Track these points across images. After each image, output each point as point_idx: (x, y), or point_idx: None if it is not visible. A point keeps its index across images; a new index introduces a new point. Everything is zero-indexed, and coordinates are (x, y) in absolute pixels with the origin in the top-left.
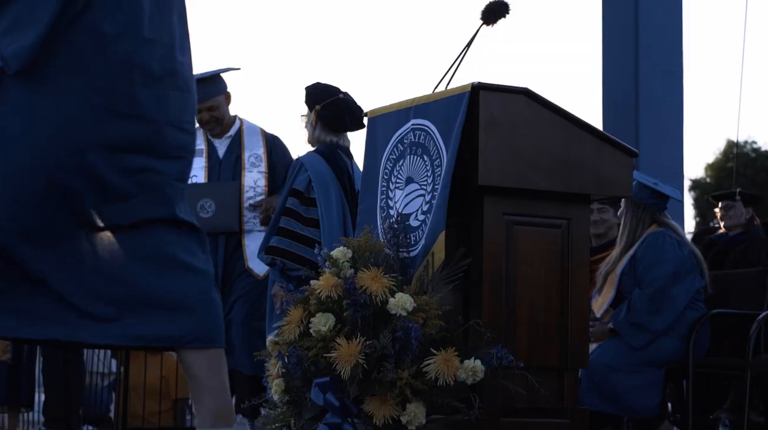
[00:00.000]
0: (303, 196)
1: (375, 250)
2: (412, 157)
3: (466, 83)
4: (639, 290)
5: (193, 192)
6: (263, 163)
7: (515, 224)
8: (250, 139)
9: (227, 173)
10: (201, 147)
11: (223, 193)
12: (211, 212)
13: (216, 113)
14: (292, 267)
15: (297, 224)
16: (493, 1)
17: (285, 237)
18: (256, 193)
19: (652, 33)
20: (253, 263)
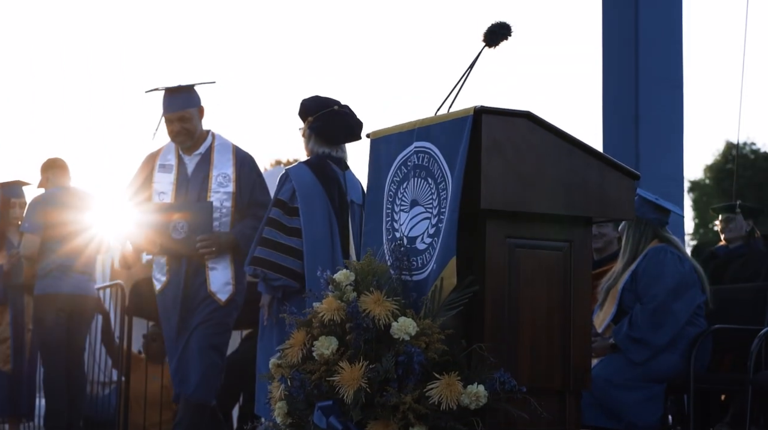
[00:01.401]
0: (286, 206)
1: (378, 273)
2: (416, 180)
3: (468, 107)
4: (640, 306)
5: (166, 211)
6: (231, 184)
7: (517, 246)
8: (220, 158)
9: (194, 192)
10: (171, 163)
11: (197, 214)
12: (184, 233)
13: (187, 125)
14: (272, 277)
15: (278, 233)
16: (495, 23)
17: (266, 247)
18: (222, 214)
19: (651, 42)
20: (216, 287)
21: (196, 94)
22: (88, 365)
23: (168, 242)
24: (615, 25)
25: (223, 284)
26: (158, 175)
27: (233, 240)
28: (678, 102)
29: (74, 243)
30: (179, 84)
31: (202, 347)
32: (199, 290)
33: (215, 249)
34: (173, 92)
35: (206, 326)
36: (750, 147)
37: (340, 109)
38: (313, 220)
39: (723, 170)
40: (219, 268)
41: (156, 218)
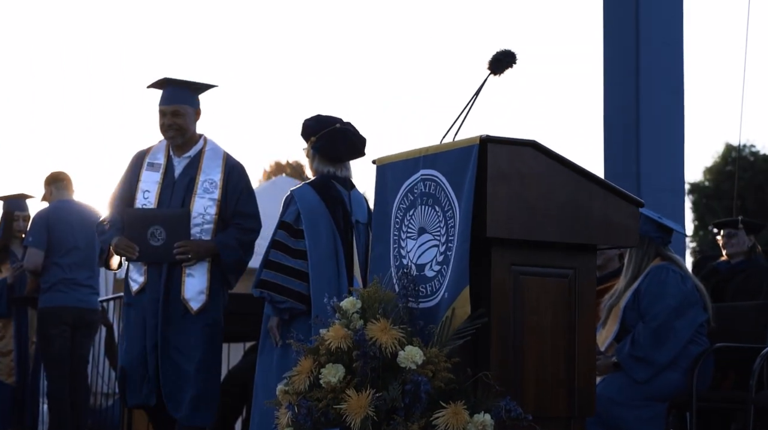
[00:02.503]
0: (291, 228)
1: (384, 300)
2: (423, 208)
3: (474, 136)
4: (642, 324)
5: (144, 218)
6: (217, 190)
7: (523, 274)
8: (209, 163)
9: (179, 195)
10: (160, 162)
11: (174, 221)
12: (162, 240)
13: (180, 121)
14: (279, 299)
15: (284, 256)
16: (500, 51)
17: (272, 270)
18: (204, 220)
19: (652, 48)
20: (189, 295)
21: (196, 96)
22: (91, 376)
23: (146, 248)
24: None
25: (197, 292)
26: (145, 173)
27: (212, 248)
28: (679, 111)
29: (78, 257)
30: (179, 78)
31: (198, 368)
32: (177, 297)
33: (191, 256)
34: (172, 85)
35: (195, 345)
36: (750, 149)
37: (342, 127)
38: (318, 242)
39: (722, 172)
40: (196, 275)
41: (134, 224)
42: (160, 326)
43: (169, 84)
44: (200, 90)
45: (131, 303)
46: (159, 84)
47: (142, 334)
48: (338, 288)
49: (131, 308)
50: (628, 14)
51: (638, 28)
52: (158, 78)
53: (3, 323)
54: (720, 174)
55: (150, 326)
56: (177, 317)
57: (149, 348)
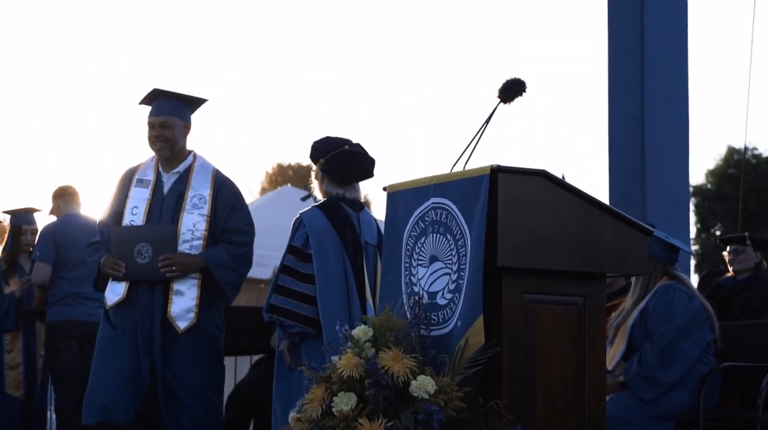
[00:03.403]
0: (300, 252)
1: (396, 328)
2: (434, 236)
3: (485, 165)
4: (650, 344)
5: (131, 235)
6: (207, 206)
7: (533, 302)
8: (198, 178)
9: (168, 212)
10: (149, 178)
11: (161, 237)
12: (148, 258)
13: (167, 133)
14: (288, 324)
15: (293, 280)
16: (510, 79)
17: (281, 295)
18: (194, 236)
19: (657, 64)
20: (176, 313)
21: (186, 109)
22: None
23: (133, 266)
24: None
25: (185, 311)
26: (134, 190)
27: (200, 262)
28: (684, 125)
29: (85, 270)
30: (168, 90)
31: (194, 393)
32: (162, 315)
33: (176, 268)
34: (162, 96)
35: (188, 367)
36: (752, 152)
37: (351, 149)
38: (327, 265)
39: (725, 175)
40: (185, 293)
41: (121, 242)
42: (152, 347)
43: (158, 96)
44: (190, 104)
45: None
46: (149, 97)
47: (130, 352)
48: (348, 311)
49: (108, 324)
50: (632, 30)
51: (643, 44)
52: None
53: (11, 336)
54: (722, 177)
55: (142, 346)
56: (167, 337)
57: (144, 368)
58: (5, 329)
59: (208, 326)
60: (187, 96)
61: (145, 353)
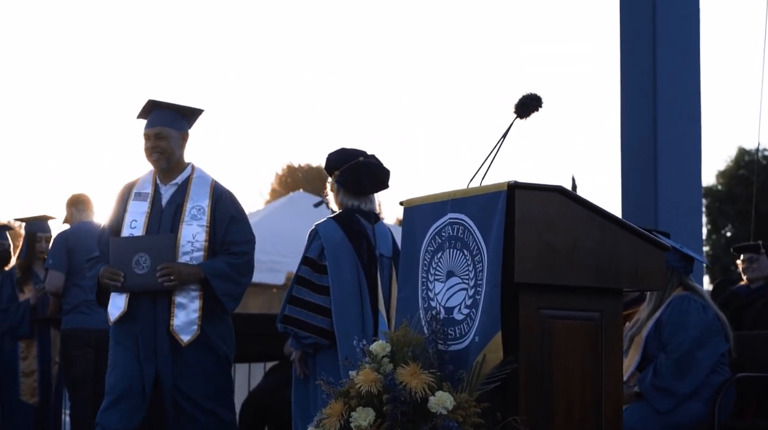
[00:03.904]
0: (315, 263)
1: (414, 344)
2: (451, 251)
3: (502, 181)
4: (664, 355)
5: (129, 246)
6: (206, 217)
7: (550, 317)
8: (196, 190)
9: (166, 224)
10: (147, 191)
11: (159, 247)
12: (146, 268)
13: (163, 143)
14: (303, 335)
15: (307, 291)
16: (526, 95)
17: (296, 306)
18: (194, 247)
19: (669, 71)
20: (179, 326)
21: (182, 120)
22: None
23: (131, 277)
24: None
25: (187, 324)
26: (132, 204)
27: (198, 272)
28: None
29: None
30: (163, 101)
31: (202, 410)
32: (164, 328)
33: (174, 278)
34: (157, 107)
35: (194, 381)
36: (763, 153)
37: (366, 160)
38: (341, 277)
39: (735, 176)
40: (187, 305)
41: (119, 253)
42: (157, 358)
43: (154, 108)
44: (187, 115)
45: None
46: (145, 110)
47: (135, 365)
48: (362, 323)
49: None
50: (644, 34)
51: (655, 48)
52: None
53: (26, 343)
54: (732, 178)
55: (144, 358)
56: (171, 350)
57: (147, 380)
58: (20, 336)
59: (212, 337)
60: (182, 106)
61: (148, 365)
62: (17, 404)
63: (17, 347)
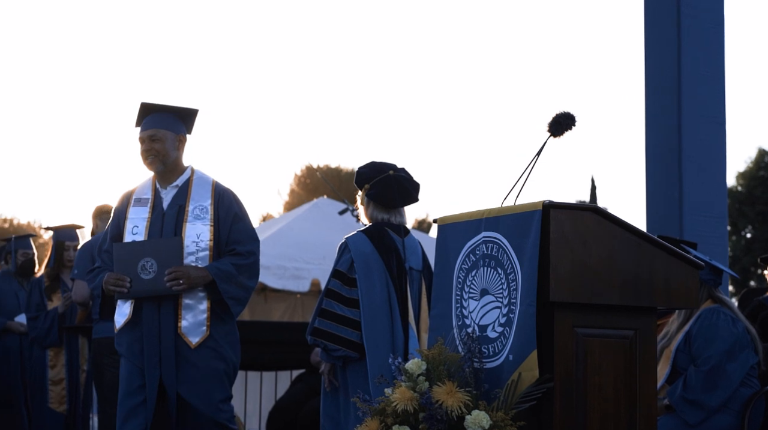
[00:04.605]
0: (345, 276)
1: (449, 362)
2: (485, 269)
3: (536, 201)
4: (694, 368)
5: (134, 251)
6: (209, 216)
7: (585, 336)
8: (197, 190)
9: (169, 226)
10: (147, 196)
11: (165, 251)
12: (153, 273)
13: (157, 146)
14: (332, 347)
15: (337, 304)
16: (560, 113)
17: (325, 318)
18: (198, 247)
19: (694, 78)
20: (187, 328)
21: (177, 122)
22: None
23: (138, 283)
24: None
25: (196, 326)
26: (133, 210)
27: (206, 275)
28: (721, 141)
29: None
30: (156, 103)
31: (211, 409)
32: (171, 332)
33: (184, 281)
34: (150, 110)
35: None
36: None
37: (395, 174)
38: (371, 290)
39: (756, 178)
40: (193, 307)
41: (123, 259)
42: (162, 364)
43: (147, 111)
44: (182, 116)
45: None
46: (140, 114)
47: (139, 379)
48: (392, 336)
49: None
50: (670, 43)
51: (680, 59)
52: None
53: (54, 352)
54: (753, 179)
55: (148, 364)
56: (178, 353)
57: (151, 385)
58: (49, 344)
59: (218, 340)
60: (175, 107)
61: (152, 370)
62: (46, 412)
63: (45, 355)
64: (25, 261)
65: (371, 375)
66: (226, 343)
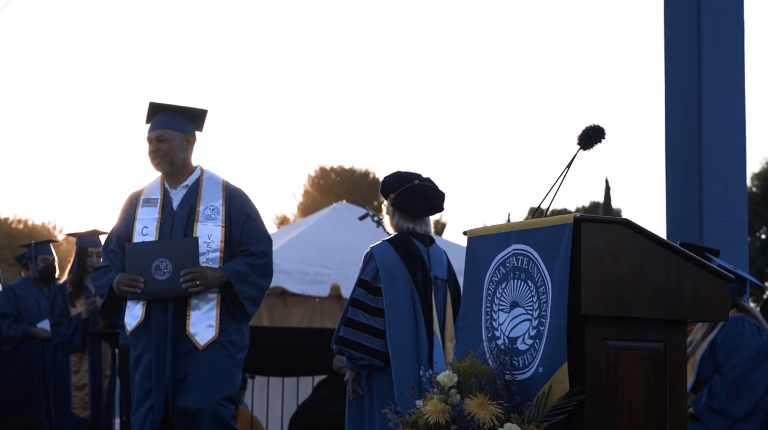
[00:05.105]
0: (370, 286)
1: (480, 374)
2: (515, 282)
3: (567, 215)
4: (719, 376)
5: (148, 251)
6: (220, 216)
7: (616, 348)
8: (208, 190)
9: (180, 227)
10: (156, 196)
11: (181, 252)
12: (168, 274)
13: (164, 146)
14: (357, 356)
15: (362, 313)
16: (589, 126)
17: (351, 327)
18: (210, 248)
19: (714, 84)
20: (195, 329)
21: (185, 122)
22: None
23: (151, 284)
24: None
25: (205, 326)
26: (141, 210)
27: (222, 276)
28: (741, 145)
29: None
30: (164, 103)
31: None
32: (182, 333)
33: (200, 283)
34: (158, 110)
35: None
36: None
37: (421, 183)
38: (396, 299)
39: None
40: (202, 308)
41: (137, 259)
42: (168, 368)
43: (156, 111)
44: (191, 116)
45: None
46: (149, 113)
47: (147, 374)
48: (416, 345)
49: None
50: (690, 49)
51: (700, 64)
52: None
53: (78, 357)
54: (767, 180)
55: (155, 366)
56: (186, 354)
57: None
58: (72, 350)
59: (228, 339)
60: (184, 107)
61: (159, 373)
62: (69, 418)
63: (69, 360)
64: (45, 266)
65: (396, 384)
66: (234, 342)
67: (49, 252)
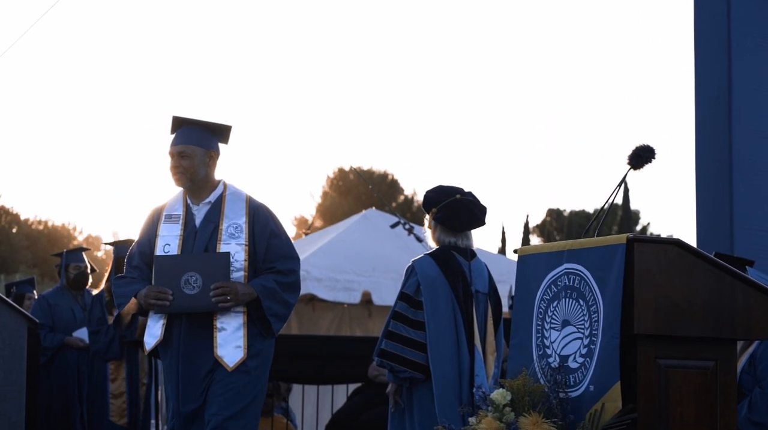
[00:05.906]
0: (411, 299)
1: (533, 393)
2: (567, 301)
3: (621, 235)
4: (759, 390)
5: (178, 265)
6: (243, 234)
7: (667, 367)
8: (231, 207)
9: (201, 244)
10: (178, 213)
11: (211, 266)
12: (197, 288)
13: (185, 162)
14: (399, 369)
15: (404, 327)
16: (640, 146)
17: (392, 340)
18: (234, 268)
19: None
20: (223, 351)
21: (208, 137)
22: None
23: (179, 298)
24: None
25: (233, 348)
26: (164, 227)
27: (252, 292)
28: None
29: None
30: (187, 117)
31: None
32: (204, 353)
33: (231, 298)
34: (181, 124)
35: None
36: None
37: (463, 197)
38: (437, 313)
39: None
40: (229, 328)
41: (165, 272)
42: (193, 388)
43: (179, 125)
44: (214, 131)
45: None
46: (173, 127)
47: (175, 392)
48: (458, 358)
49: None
50: (720, 58)
51: (731, 73)
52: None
53: (115, 365)
54: None
55: (184, 386)
56: (211, 376)
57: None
58: (110, 358)
59: (255, 362)
60: (207, 123)
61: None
62: (106, 426)
63: (106, 368)
64: (77, 274)
65: (437, 397)
66: (257, 359)
67: (81, 260)
